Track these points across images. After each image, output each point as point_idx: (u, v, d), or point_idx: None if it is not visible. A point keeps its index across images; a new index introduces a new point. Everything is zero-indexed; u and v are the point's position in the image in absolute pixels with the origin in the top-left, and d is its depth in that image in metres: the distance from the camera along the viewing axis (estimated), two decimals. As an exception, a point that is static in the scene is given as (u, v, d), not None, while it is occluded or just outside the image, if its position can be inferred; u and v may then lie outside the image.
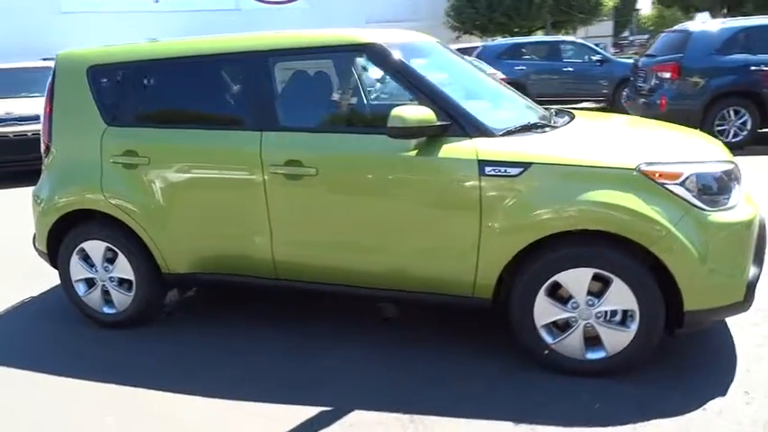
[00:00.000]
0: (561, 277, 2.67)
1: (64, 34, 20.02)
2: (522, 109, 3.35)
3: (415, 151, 2.76)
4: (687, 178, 2.54)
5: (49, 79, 3.48)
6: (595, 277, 2.63)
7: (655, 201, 2.52)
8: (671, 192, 2.52)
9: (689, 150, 2.78)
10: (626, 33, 43.99)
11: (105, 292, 3.47)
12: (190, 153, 3.16)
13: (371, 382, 2.81)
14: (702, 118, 8.01)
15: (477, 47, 14.37)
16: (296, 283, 3.11)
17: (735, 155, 2.93)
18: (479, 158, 2.68)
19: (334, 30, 3.00)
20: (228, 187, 3.09)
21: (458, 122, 2.75)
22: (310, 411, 2.62)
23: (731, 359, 2.87)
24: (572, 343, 2.74)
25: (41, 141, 3.54)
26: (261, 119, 3.01)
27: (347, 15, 24.60)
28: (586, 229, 2.58)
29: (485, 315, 2.96)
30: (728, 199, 2.62)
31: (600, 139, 2.96)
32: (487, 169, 2.67)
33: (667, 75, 8.26)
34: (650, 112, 8.56)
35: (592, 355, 2.73)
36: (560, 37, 16.36)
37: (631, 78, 9.66)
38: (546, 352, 2.78)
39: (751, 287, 2.62)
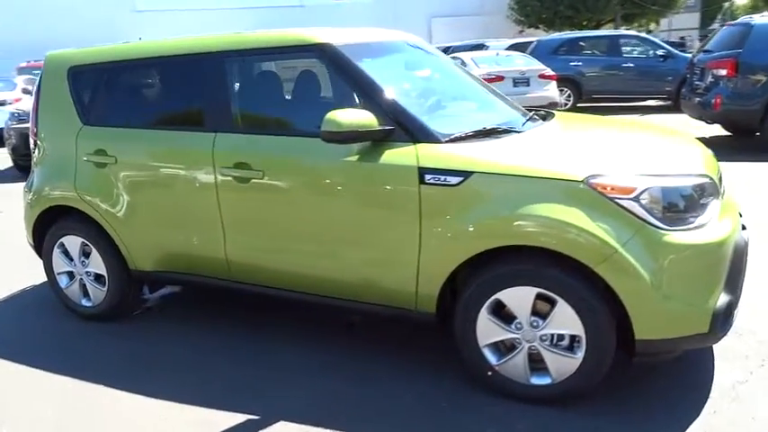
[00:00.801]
0: (504, 295, 2.48)
1: (136, 32, 21.09)
2: (492, 112, 3.16)
3: (357, 156, 2.64)
4: (642, 193, 2.29)
5: (38, 77, 3.61)
6: (541, 297, 2.43)
7: (603, 217, 2.29)
8: (622, 207, 2.28)
9: (654, 162, 2.50)
10: (714, 25, 41.33)
11: (83, 286, 3.57)
12: (151, 153, 3.19)
13: (315, 394, 2.73)
14: (762, 119, 7.36)
15: (532, 41, 13.89)
16: (247, 285, 3.08)
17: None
18: (419, 165, 2.53)
19: (288, 30, 2.91)
20: (186, 188, 3.09)
21: (402, 127, 2.61)
22: (239, 418, 2.57)
23: (703, 395, 2.59)
24: (516, 366, 2.55)
25: (30, 137, 3.68)
26: (215, 120, 2.99)
27: (412, 10, 24.47)
28: (529, 246, 2.38)
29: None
30: (696, 217, 2.35)
31: (558, 146, 2.72)
32: (427, 177, 2.52)
33: (723, 72, 7.63)
34: (705, 112, 7.96)
35: (537, 381, 2.54)
36: (620, 31, 15.53)
37: (687, 76, 9.01)
38: (489, 373, 2.60)
39: (718, 317, 2.33)
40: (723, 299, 2.36)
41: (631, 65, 12.51)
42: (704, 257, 2.32)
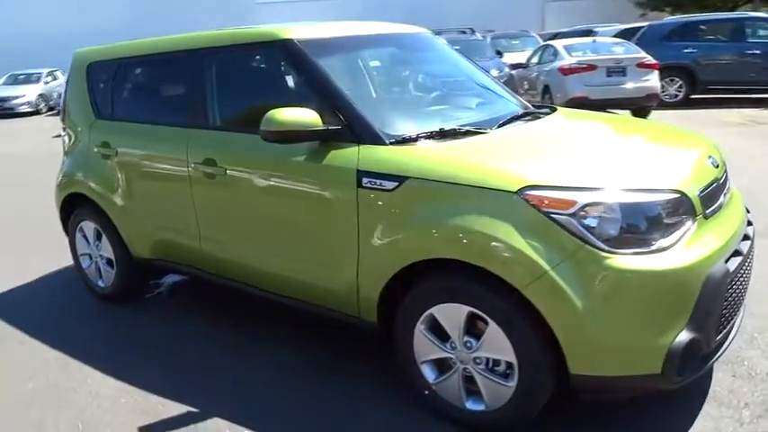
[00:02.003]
0: (437, 311, 2.30)
1: (257, 21, 22.20)
2: (474, 110, 2.93)
3: (304, 156, 2.57)
4: (583, 209, 2.01)
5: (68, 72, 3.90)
6: (475, 317, 2.22)
7: (535, 233, 2.03)
8: (557, 224, 2.01)
9: (614, 173, 2.15)
10: None
11: (98, 268, 3.82)
12: (142, 147, 3.32)
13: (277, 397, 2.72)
14: None
15: (642, 26, 12.77)
16: (216, 277, 3.13)
17: None
18: (358, 168, 2.40)
19: (260, 26, 2.89)
20: (168, 182, 3.19)
21: (350, 127, 2.49)
22: (182, 409, 2.63)
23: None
24: (452, 387, 2.36)
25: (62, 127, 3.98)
26: (191, 116, 3.05)
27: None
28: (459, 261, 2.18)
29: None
30: (653, 240, 2.02)
31: (515, 150, 2.43)
32: (365, 181, 2.38)
33: None
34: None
35: (472, 406, 2.33)
36: (746, 13, 13.78)
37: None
38: (426, 392, 2.43)
39: (675, 357, 1.99)
40: (684, 336, 2.00)
41: (757, 51, 11.11)
42: (656, 286, 1.98)
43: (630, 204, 2.03)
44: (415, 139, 2.46)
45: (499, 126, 2.69)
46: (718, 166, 2.45)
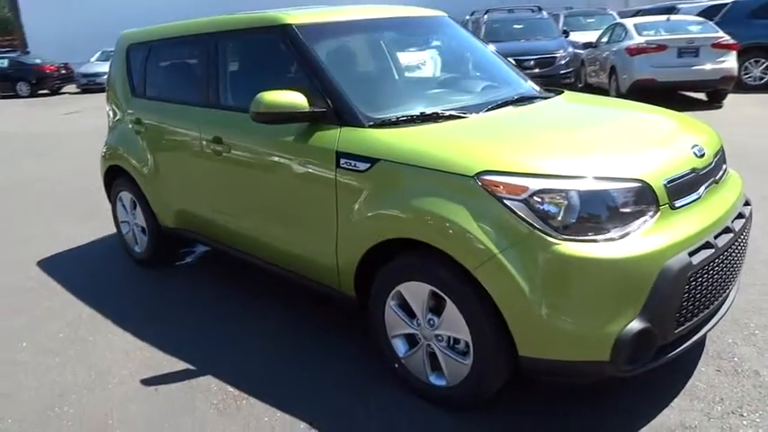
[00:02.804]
0: (403, 288, 2.40)
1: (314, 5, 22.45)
2: (472, 93, 2.97)
3: (293, 137, 2.71)
4: (534, 195, 2.03)
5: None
6: (436, 296, 2.30)
7: (488, 217, 2.08)
8: (509, 209, 2.05)
9: (577, 160, 2.14)
10: None
11: (134, 235, 4.17)
12: (165, 124, 3.58)
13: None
14: None
15: (727, 2, 11.91)
16: (226, 247, 3.36)
17: None
18: (337, 149, 2.52)
19: (265, 11, 3.03)
20: (186, 157, 3.43)
21: (334, 110, 2.60)
22: (181, 366, 2.88)
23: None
24: (418, 362, 2.46)
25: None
26: (204, 96, 3.26)
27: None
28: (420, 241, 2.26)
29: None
30: (609, 228, 2.02)
31: (487, 135, 2.44)
32: (342, 161, 2.50)
33: None
34: None
35: (435, 381, 2.43)
36: None
37: None
38: (396, 365, 2.55)
39: (624, 346, 1.99)
40: (635, 326, 2.00)
41: None
42: (604, 274, 1.98)
43: (583, 192, 2.03)
44: (395, 123, 2.54)
45: (488, 110, 2.72)
46: (703, 156, 2.37)
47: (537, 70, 9.68)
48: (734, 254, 2.36)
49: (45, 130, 11.91)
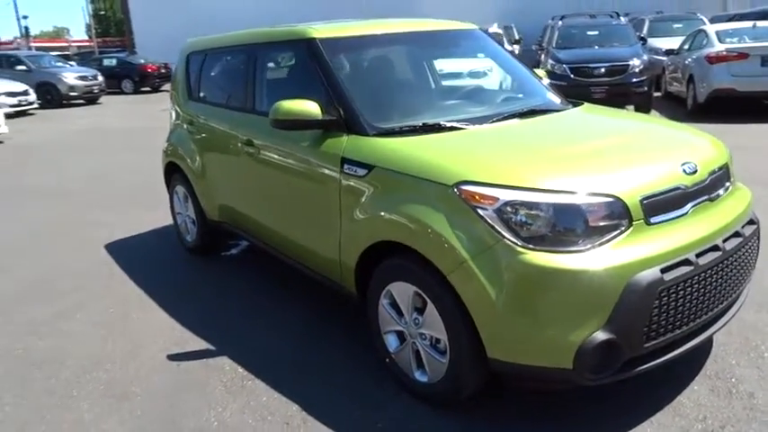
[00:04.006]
0: (393, 288, 2.57)
1: (419, 7, 22.73)
2: (485, 105, 3.10)
3: (308, 142, 2.94)
4: (505, 205, 2.14)
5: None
6: (420, 296, 2.45)
7: (463, 225, 2.21)
8: (481, 218, 2.17)
9: (551, 172, 2.21)
10: None
11: (186, 226, 4.57)
12: (211, 125, 3.94)
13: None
14: None
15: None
16: (259, 242, 3.66)
17: None
18: (342, 155, 2.72)
19: (296, 25, 3.28)
20: (226, 156, 3.77)
21: (344, 118, 2.80)
22: (203, 345, 3.19)
23: (597, 440, 2.30)
24: (405, 358, 2.62)
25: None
26: (242, 102, 3.57)
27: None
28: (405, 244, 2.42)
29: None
30: (576, 240, 2.10)
31: (481, 147, 2.56)
32: (345, 167, 2.70)
33: None
34: None
35: (419, 377, 2.57)
36: None
37: None
38: (387, 360, 2.72)
39: (587, 355, 2.06)
40: (599, 336, 2.06)
41: None
42: (567, 284, 2.05)
43: (552, 204, 2.12)
44: (397, 132, 2.70)
45: (493, 122, 2.83)
46: (694, 173, 2.37)
47: (607, 78, 9.43)
48: (724, 273, 2.34)
49: (142, 125, 12.91)
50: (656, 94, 11.57)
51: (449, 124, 2.74)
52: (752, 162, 6.30)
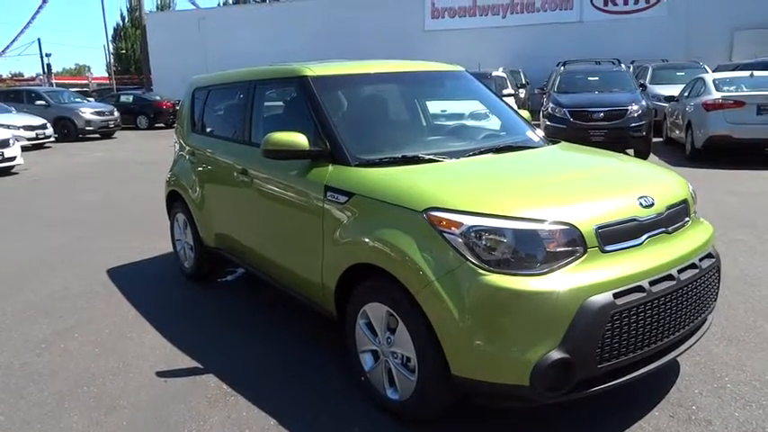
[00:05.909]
0: (368, 308, 2.72)
1: (424, 48, 23.39)
2: (461, 140, 3.30)
3: (296, 171, 3.14)
4: (469, 230, 2.30)
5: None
6: (392, 316, 2.60)
7: (430, 248, 2.38)
8: (447, 241, 2.34)
9: (513, 202, 2.39)
10: None
11: (185, 252, 4.76)
12: (211, 156, 4.17)
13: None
14: None
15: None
16: (251, 268, 3.82)
17: None
18: (326, 183, 2.91)
19: (291, 64, 3.53)
20: (222, 186, 3.98)
21: (329, 150, 3.01)
22: (192, 364, 3.33)
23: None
24: (378, 376, 2.75)
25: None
26: (241, 134, 3.80)
27: (710, 23, 21.55)
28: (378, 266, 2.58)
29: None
30: (533, 265, 2.25)
31: (452, 178, 2.75)
32: (329, 194, 2.89)
33: None
34: None
35: (391, 395, 2.69)
36: None
37: None
38: (362, 378, 2.84)
39: (543, 373, 2.18)
40: (554, 355, 2.19)
41: None
42: (523, 305, 2.20)
43: (513, 230, 2.28)
44: (377, 163, 2.90)
45: (469, 156, 3.02)
46: (650, 207, 2.53)
47: (605, 122, 9.66)
48: (678, 302, 2.47)
49: (154, 158, 13.27)
50: (658, 139, 11.80)
51: (427, 157, 2.94)
52: (739, 206, 6.44)
